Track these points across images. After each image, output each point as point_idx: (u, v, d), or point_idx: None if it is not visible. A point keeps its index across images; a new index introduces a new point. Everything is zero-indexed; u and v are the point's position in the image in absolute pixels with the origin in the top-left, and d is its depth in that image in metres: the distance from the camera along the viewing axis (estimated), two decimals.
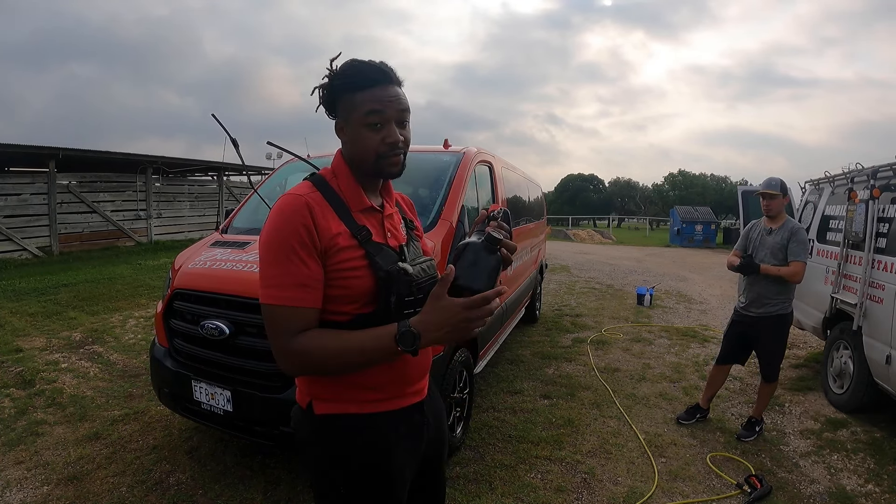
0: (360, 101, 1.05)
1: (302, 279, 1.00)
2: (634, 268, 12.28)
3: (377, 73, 1.06)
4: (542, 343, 5.27)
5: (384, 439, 1.12)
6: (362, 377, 1.08)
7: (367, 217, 1.11)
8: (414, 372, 1.16)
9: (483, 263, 1.02)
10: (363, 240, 1.06)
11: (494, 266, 1.04)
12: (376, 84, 1.05)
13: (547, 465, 2.85)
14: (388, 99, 1.05)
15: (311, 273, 1.00)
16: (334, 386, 1.09)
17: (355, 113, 1.06)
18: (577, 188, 49.82)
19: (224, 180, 16.13)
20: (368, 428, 1.11)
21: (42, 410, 3.47)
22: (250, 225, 3.29)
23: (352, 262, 1.04)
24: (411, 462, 1.19)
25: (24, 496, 2.51)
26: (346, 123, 1.08)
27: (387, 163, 1.08)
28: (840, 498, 2.60)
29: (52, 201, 11.02)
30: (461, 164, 3.26)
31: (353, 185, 1.11)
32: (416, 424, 1.19)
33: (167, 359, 2.63)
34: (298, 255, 0.99)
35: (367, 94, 1.05)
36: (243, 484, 2.61)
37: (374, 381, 1.10)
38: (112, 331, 5.42)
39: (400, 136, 1.08)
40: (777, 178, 3.15)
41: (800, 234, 3.03)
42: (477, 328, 0.97)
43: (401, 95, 1.09)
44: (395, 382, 1.13)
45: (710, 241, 20.59)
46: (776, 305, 3.09)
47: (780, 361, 3.23)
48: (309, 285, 1.00)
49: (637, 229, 36.96)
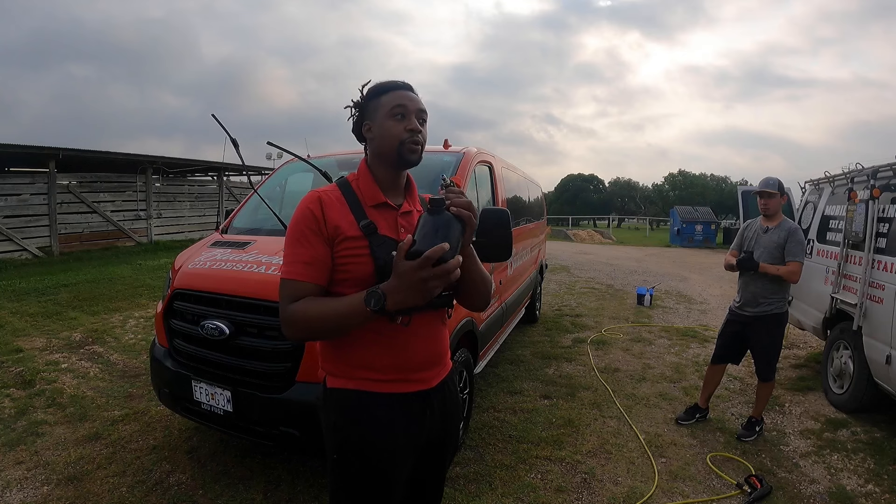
0: (386, 101, 1.24)
1: (306, 258, 1.18)
2: (634, 268, 12.28)
3: (398, 83, 1.28)
4: (542, 343, 5.27)
5: (377, 417, 1.23)
6: (365, 358, 1.23)
7: (380, 213, 1.25)
8: (417, 359, 1.26)
9: (429, 227, 1.09)
10: (368, 231, 1.20)
11: (443, 225, 1.10)
12: (399, 88, 1.27)
13: (547, 465, 2.85)
14: (409, 98, 1.25)
15: (316, 254, 1.18)
16: (343, 364, 1.25)
17: (382, 110, 1.24)
18: (577, 188, 49.80)
19: (224, 180, 16.13)
20: (365, 405, 1.23)
21: (42, 411, 3.47)
22: (250, 225, 3.29)
23: (356, 250, 1.19)
24: (406, 447, 1.27)
25: (24, 496, 2.51)
26: (374, 122, 1.25)
27: (407, 149, 1.23)
28: (840, 498, 2.60)
29: (52, 201, 11.02)
30: (461, 164, 3.26)
31: (369, 184, 1.27)
32: (415, 411, 1.27)
33: (167, 359, 2.63)
34: (308, 239, 1.19)
35: (391, 95, 1.25)
36: (243, 484, 2.61)
37: (376, 362, 1.23)
38: (112, 331, 5.42)
39: (422, 132, 1.25)
40: (774, 178, 3.16)
41: (797, 235, 3.04)
42: (435, 288, 1.06)
43: (417, 98, 1.28)
44: (398, 367, 1.24)
45: (710, 241, 20.58)
46: (772, 304, 3.10)
47: (776, 361, 3.23)
48: (312, 264, 1.17)
49: (637, 229, 36.96)
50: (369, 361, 1.23)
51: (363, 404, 1.24)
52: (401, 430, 1.25)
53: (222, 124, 2.60)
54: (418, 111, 1.26)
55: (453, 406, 1.40)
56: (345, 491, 1.27)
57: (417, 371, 1.27)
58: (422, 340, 1.26)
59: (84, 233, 11.98)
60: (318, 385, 2.17)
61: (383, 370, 1.23)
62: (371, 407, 1.23)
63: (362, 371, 1.23)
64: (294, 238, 1.20)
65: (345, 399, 1.25)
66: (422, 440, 1.30)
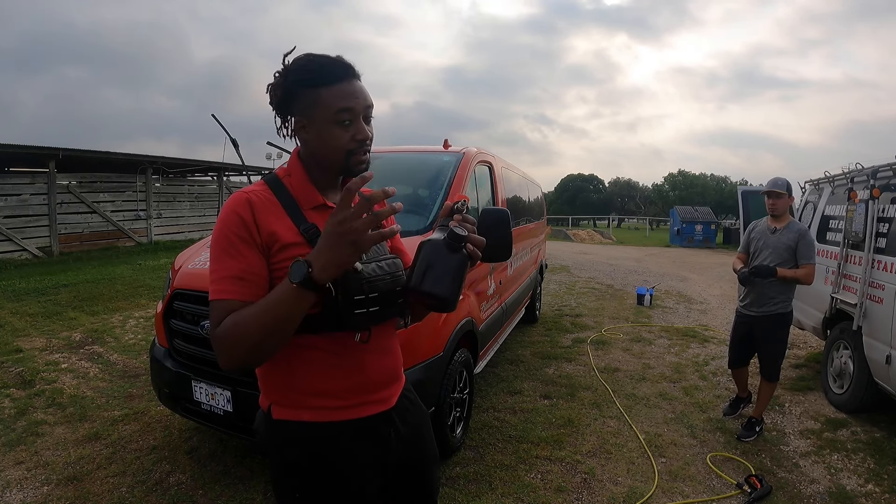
0: (328, 98, 1.01)
1: (236, 272, 0.97)
2: (634, 268, 12.28)
3: (341, 69, 1.02)
4: (542, 343, 5.27)
5: (338, 449, 1.08)
6: (319, 384, 1.06)
7: (320, 215, 1.06)
8: (375, 378, 1.12)
9: (444, 264, 0.95)
10: (310, 237, 1.02)
11: (458, 266, 0.96)
12: (341, 80, 1.02)
13: (547, 465, 2.85)
14: (356, 96, 1.02)
15: (249, 266, 0.98)
16: (290, 391, 1.07)
17: (322, 110, 1.01)
18: (576, 188, 49.84)
19: (224, 180, 16.14)
20: (322, 437, 1.07)
21: (42, 411, 3.47)
22: None
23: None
24: (374, 472, 1.14)
25: (24, 496, 2.51)
26: (310, 121, 1.04)
27: (356, 160, 1.05)
28: (840, 498, 2.60)
29: (52, 201, 11.02)
30: (461, 165, 3.26)
31: (305, 184, 1.08)
32: (381, 435, 1.14)
33: (167, 359, 2.63)
34: (237, 248, 0.98)
35: (333, 91, 1.01)
36: (243, 484, 2.61)
37: (331, 387, 1.07)
38: (112, 331, 5.42)
39: (369, 134, 1.06)
40: (783, 178, 3.16)
41: (808, 236, 3.05)
42: (364, 231, 0.87)
43: (365, 91, 1.06)
44: (355, 390, 1.09)
45: (710, 241, 20.58)
46: (777, 304, 3.11)
47: (782, 360, 3.25)
48: (244, 278, 0.97)
49: (637, 229, 36.96)
50: (324, 387, 1.06)
51: (325, 437, 1.07)
52: (368, 457, 1.12)
53: (222, 124, 2.60)
54: (365, 109, 1.04)
55: (417, 413, 1.26)
56: None
57: (377, 391, 1.12)
58: (378, 356, 1.12)
59: (84, 233, 11.98)
60: None
61: (341, 395, 1.07)
62: (335, 438, 1.08)
63: (315, 399, 1.06)
64: (220, 249, 0.99)
65: (300, 432, 1.07)
66: (390, 467, 1.17)
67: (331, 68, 1.02)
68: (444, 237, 0.97)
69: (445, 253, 0.96)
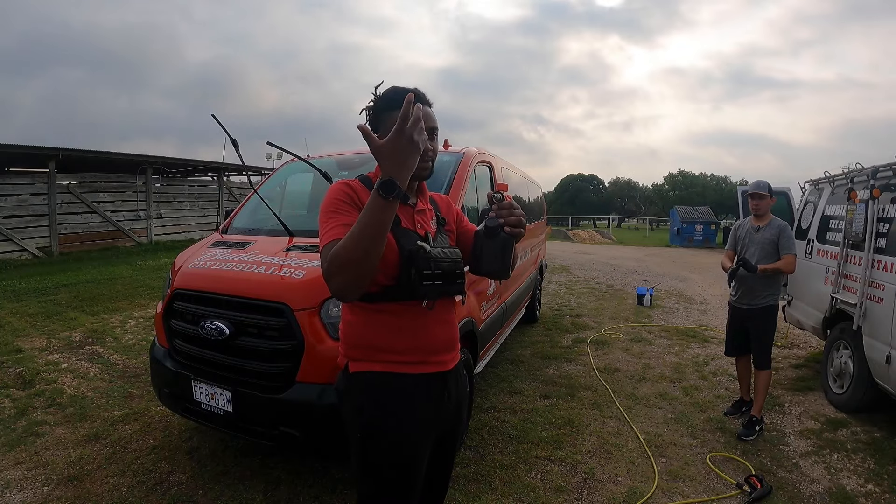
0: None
1: (344, 222, 1.22)
2: (634, 268, 12.28)
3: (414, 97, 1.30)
4: (542, 343, 5.27)
5: (401, 396, 1.32)
6: (388, 342, 1.31)
7: (400, 209, 1.31)
8: (437, 341, 1.37)
9: (490, 250, 1.26)
10: (393, 222, 1.21)
11: (500, 248, 1.27)
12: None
13: (547, 466, 2.85)
14: (423, 116, 1.25)
15: (352, 220, 1.19)
16: (366, 349, 1.33)
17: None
18: (576, 188, 49.78)
19: (224, 181, 16.13)
20: (389, 384, 1.32)
21: (42, 411, 3.47)
22: (250, 225, 3.29)
23: None
24: (426, 428, 1.36)
25: (25, 496, 2.51)
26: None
27: (421, 167, 1.29)
28: (840, 498, 2.60)
29: (51, 202, 11.02)
30: (461, 164, 3.26)
31: None
32: (434, 392, 1.37)
33: (167, 359, 2.63)
34: (343, 208, 1.27)
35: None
36: (243, 484, 2.61)
37: (398, 345, 1.32)
38: (112, 331, 5.42)
39: (430, 146, 1.32)
40: (765, 181, 3.46)
41: (787, 230, 3.32)
42: (414, 133, 1.11)
43: (431, 113, 1.37)
44: (420, 349, 1.34)
45: (710, 241, 20.58)
46: (766, 298, 3.33)
47: (770, 349, 3.40)
48: (349, 226, 1.18)
49: (637, 229, 36.96)
50: (392, 345, 1.31)
51: (388, 384, 1.32)
52: (422, 408, 1.34)
53: (222, 125, 2.60)
54: (431, 129, 1.33)
55: (464, 394, 1.50)
56: (372, 471, 1.33)
57: (437, 354, 1.37)
58: (440, 325, 1.37)
59: (84, 233, 11.98)
60: (317, 385, 2.19)
61: (405, 353, 1.32)
62: (395, 386, 1.32)
63: (385, 354, 1.32)
64: (330, 212, 1.26)
65: (369, 381, 1.32)
66: (437, 427, 1.40)
67: (405, 95, 1.25)
68: (484, 228, 1.29)
69: (489, 240, 1.27)
